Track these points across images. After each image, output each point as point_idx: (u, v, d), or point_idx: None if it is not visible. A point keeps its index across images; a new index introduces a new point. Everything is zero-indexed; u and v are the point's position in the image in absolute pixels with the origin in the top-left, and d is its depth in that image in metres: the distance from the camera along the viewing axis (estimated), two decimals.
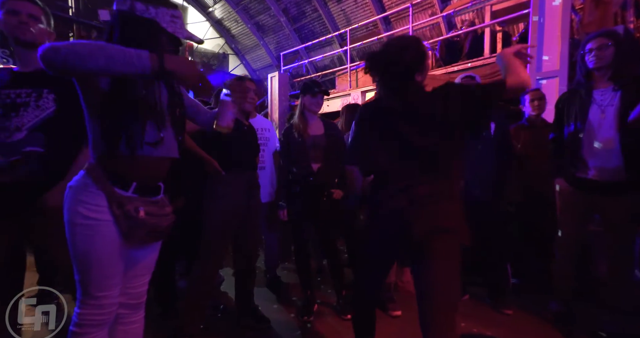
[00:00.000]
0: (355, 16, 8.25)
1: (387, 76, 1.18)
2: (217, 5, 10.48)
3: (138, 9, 0.96)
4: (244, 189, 1.82)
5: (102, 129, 0.95)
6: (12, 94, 1.24)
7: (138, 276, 1.11)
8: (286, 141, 2.08)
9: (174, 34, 1.00)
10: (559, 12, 3.64)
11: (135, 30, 0.96)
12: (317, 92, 2.05)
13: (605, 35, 1.67)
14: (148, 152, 0.99)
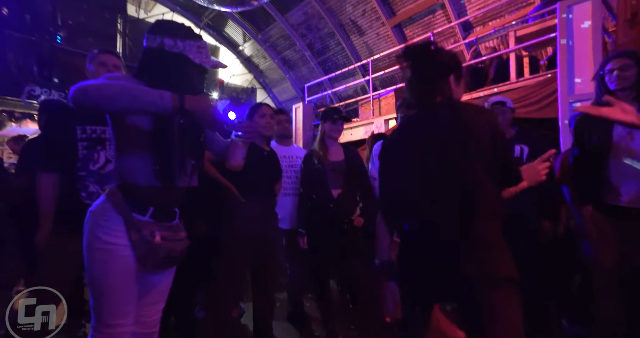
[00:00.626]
0: (377, 47, 8.52)
1: (421, 73, 1.08)
2: (247, 44, 11.26)
3: (167, 45, 1.02)
4: (260, 216, 1.80)
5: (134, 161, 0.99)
6: (97, 130, 1.44)
7: (152, 304, 1.09)
8: (306, 167, 2.07)
9: (201, 65, 1.06)
10: (589, 34, 3.54)
11: (166, 65, 1.02)
12: (336, 118, 2.06)
13: (626, 55, 1.58)
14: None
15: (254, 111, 1.93)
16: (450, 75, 1.07)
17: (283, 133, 2.34)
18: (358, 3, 8.15)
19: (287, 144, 2.37)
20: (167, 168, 0.99)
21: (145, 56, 1.05)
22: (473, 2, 6.68)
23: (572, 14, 3.64)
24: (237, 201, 1.74)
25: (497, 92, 4.34)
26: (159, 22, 1.07)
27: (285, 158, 2.24)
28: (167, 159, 1.00)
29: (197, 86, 1.10)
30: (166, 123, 0.99)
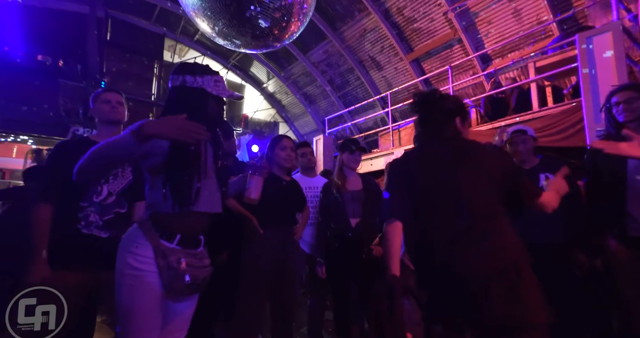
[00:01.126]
0: (396, 81, 8.76)
1: (429, 115, 1.23)
2: (270, 82, 11.94)
3: (188, 81, 1.13)
4: (278, 246, 1.80)
5: (158, 188, 1.05)
6: None
7: (175, 331, 1.11)
8: (324, 197, 2.08)
9: (218, 96, 1.16)
10: (612, 63, 3.49)
11: (188, 99, 1.12)
12: (354, 149, 2.09)
13: (630, 88, 1.63)
14: (195, 207, 1.06)
15: (275, 144, 2.00)
16: (456, 118, 1.21)
17: (307, 164, 2.40)
18: (376, 40, 8.56)
19: (311, 175, 2.43)
20: (176, 192, 1.03)
21: (170, 94, 1.17)
22: (490, 37, 6.84)
23: (592, 44, 3.63)
24: (256, 232, 1.75)
25: (519, 121, 4.27)
26: (181, 64, 1.19)
27: (310, 189, 2.28)
28: (176, 184, 1.04)
29: (216, 114, 1.18)
30: (177, 151, 1.05)
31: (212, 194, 1.13)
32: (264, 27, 2.95)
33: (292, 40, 3.59)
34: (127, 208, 1.49)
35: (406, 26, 7.89)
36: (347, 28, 8.77)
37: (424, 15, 7.44)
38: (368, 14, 8.06)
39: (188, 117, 0.99)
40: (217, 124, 1.20)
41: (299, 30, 3.36)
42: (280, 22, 3.00)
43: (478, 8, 6.68)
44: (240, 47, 3.37)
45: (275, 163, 1.95)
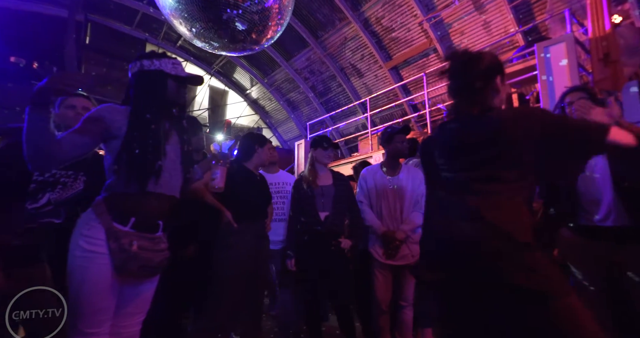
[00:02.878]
0: (376, 88, 9.02)
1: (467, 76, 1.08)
2: (254, 88, 12.02)
3: (145, 65, 1.17)
4: (253, 240, 1.85)
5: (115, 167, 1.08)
6: (57, 174, 1.42)
7: (130, 315, 1.12)
8: (296, 192, 2.16)
9: (177, 75, 1.19)
10: (567, 71, 3.78)
11: (146, 81, 1.16)
12: (327, 146, 2.18)
13: (579, 89, 1.73)
14: (153, 187, 1.10)
15: (265, 142, 2.09)
16: (497, 76, 1.08)
17: (270, 159, 2.47)
18: (357, 49, 8.82)
19: (273, 171, 2.48)
20: (134, 169, 1.05)
21: (129, 82, 1.19)
22: (463, 46, 7.19)
23: (550, 53, 3.92)
24: (230, 226, 1.78)
25: None
26: (138, 54, 1.22)
27: (272, 185, 2.34)
28: (133, 161, 1.06)
29: (175, 94, 1.20)
30: (135, 129, 1.09)
31: (173, 178, 1.15)
32: (241, 30, 3.05)
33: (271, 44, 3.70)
34: (63, 219, 1.38)
35: (385, 35, 8.18)
36: (329, 36, 9.00)
37: (401, 25, 7.75)
38: (348, 23, 8.32)
39: (150, 99, 1.03)
40: (178, 105, 1.23)
41: (277, 34, 3.48)
42: (257, 26, 3.10)
43: (451, 19, 7.04)
44: (218, 50, 3.45)
45: (258, 157, 2.02)
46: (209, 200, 1.81)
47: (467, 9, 6.71)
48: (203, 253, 1.96)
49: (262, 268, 1.96)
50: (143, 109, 1.13)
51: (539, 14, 6.00)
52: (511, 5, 6.15)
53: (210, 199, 1.83)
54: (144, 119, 1.12)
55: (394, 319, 2.14)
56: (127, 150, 1.08)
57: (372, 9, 7.81)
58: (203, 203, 1.78)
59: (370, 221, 2.11)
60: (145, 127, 1.11)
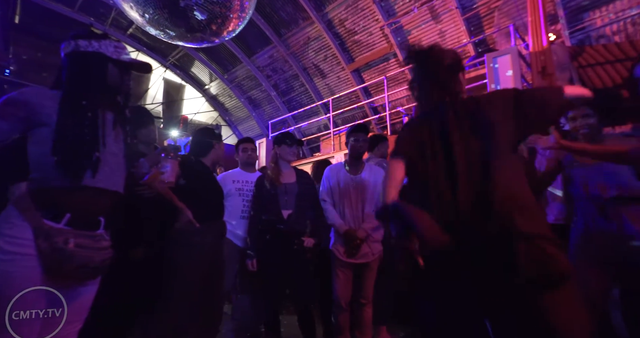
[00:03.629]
0: (338, 89, 9.12)
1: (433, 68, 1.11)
2: (213, 83, 11.54)
3: (82, 46, 1.03)
4: (215, 241, 1.76)
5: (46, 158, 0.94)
6: None
7: (66, 323, 0.98)
8: (258, 190, 2.09)
9: (119, 60, 1.06)
10: (512, 80, 4.12)
11: (83, 63, 1.02)
12: (290, 143, 2.14)
13: None
14: (91, 181, 0.98)
15: (220, 138, 1.99)
16: (460, 71, 1.14)
17: (248, 160, 2.40)
18: (320, 49, 8.85)
19: (251, 171, 2.42)
20: (69, 161, 0.93)
21: (62, 64, 1.04)
22: None
23: (497, 64, 4.25)
24: (191, 226, 1.66)
25: None
26: (72, 33, 1.07)
27: (250, 183, 2.27)
28: (68, 151, 0.94)
29: (118, 82, 1.08)
30: (69, 117, 0.97)
31: (114, 171, 1.04)
32: (200, 19, 2.88)
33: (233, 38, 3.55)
34: None
35: (348, 38, 8.32)
36: (292, 35, 8.93)
37: (364, 28, 7.93)
38: (312, 23, 8.32)
39: (88, 85, 0.92)
40: (121, 93, 1.11)
41: (239, 28, 3.34)
42: (218, 17, 2.95)
43: (410, 26, 7.35)
44: (175, 39, 3.23)
45: (214, 153, 1.92)
46: (167, 196, 1.67)
47: (425, 18, 7.06)
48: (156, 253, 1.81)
49: (223, 269, 1.87)
50: (78, 95, 1.00)
51: (487, 27, 6.49)
52: (464, 17, 6.58)
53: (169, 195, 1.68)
54: (79, 105, 0.98)
55: (354, 317, 2.16)
56: (60, 139, 0.95)
57: (336, 10, 7.90)
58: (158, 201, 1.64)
59: (333, 219, 2.10)
60: (80, 114, 0.98)
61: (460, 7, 6.54)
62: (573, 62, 5.29)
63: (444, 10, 6.77)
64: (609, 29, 5.71)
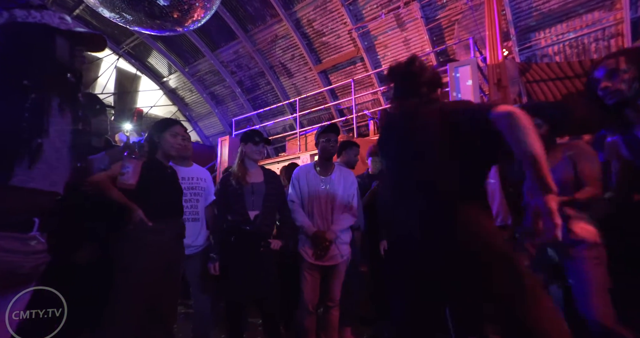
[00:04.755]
0: (305, 89, 9.08)
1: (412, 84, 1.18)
2: (172, 76, 10.90)
3: (19, 16, 0.88)
4: (170, 240, 1.61)
5: None
6: None
7: None
8: (223, 189, 1.96)
9: (69, 30, 0.93)
10: (472, 90, 4.37)
11: (23, 36, 0.87)
12: (258, 141, 2.04)
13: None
14: (25, 182, 0.82)
15: (164, 128, 1.78)
16: (438, 89, 1.21)
17: (183, 152, 2.16)
18: (288, 48, 8.74)
19: (186, 165, 2.16)
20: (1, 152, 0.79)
21: None
22: (386, 59, 7.76)
23: (459, 73, 4.49)
24: (143, 225, 1.51)
25: None
26: (2, 3, 0.91)
27: (185, 180, 2.05)
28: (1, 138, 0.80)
29: (67, 57, 0.94)
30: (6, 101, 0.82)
31: (54, 169, 0.90)
32: (162, 5, 2.66)
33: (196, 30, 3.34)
34: None
35: (316, 39, 8.31)
36: (259, 31, 8.73)
37: (332, 30, 7.98)
38: (280, 20, 8.20)
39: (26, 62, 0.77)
40: (72, 71, 0.96)
41: (204, 18, 3.15)
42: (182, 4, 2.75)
43: (377, 32, 7.53)
44: (132, 24, 2.96)
45: (162, 148, 1.75)
46: (113, 195, 1.49)
47: (391, 25, 7.28)
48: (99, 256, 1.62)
49: (179, 272, 1.73)
50: (18, 73, 0.84)
51: (448, 38, 6.86)
52: (427, 27, 6.89)
53: (116, 194, 1.51)
54: (20, 86, 0.82)
55: (320, 320, 2.12)
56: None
57: (305, 10, 7.85)
58: (104, 199, 1.47)
59: (301, 221, 2.04)
60: (20, 96, 0.83)
61: (424, 17, 6.83)
62: (522, 77, 5.77)
63: (409, 19, 7.03)
64: (551, 49, 6.32)
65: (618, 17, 5.54)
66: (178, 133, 1.79)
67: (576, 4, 5.77)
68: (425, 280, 1.05)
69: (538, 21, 6.17)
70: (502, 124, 0.91)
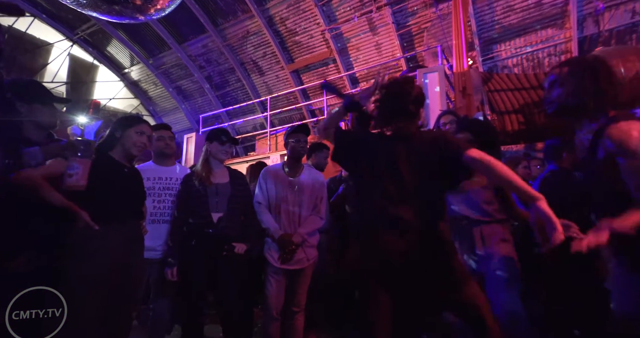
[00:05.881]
0: (276, 88, 8.94)
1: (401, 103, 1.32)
2: (134, 67, 10.27)
3: None
4: (122, 245, 1.46)
5: None
6: None
7: None
8: (185, 189, 1.83)
9: None
10: (439, 96, 4.52)
11: None
12: (225, 140, 1.93)
13: (450, 113, 2.25)
14: None
15: (130, 124, 1.62)
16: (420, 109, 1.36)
17: (164, 150, 2.04)
18: (259, 45, 8.56)
19: (168, 164, 2.06)
20: None
21: None
22: (358, 62, 7.85)
23: (427, 79, 4.63)
24: (89, 229, 1.36)
25: None
26: None
27: (162, 180, 1.94)
28: None
29: None
30: None
31: None
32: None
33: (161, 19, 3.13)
34: None
35: (288, 37, 8.22)
36: (230, 26, 8.47)
37: (305, 30, 7.93)
38: (252, 16, 8.01)
39: None
40: None
41: (169, 7, 2.96)
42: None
43: (350, 35, 7.59)
44: (86, 8, 2.70)
45: (122, 145, 1.60)
46: (51, 197, 1.32)
47: (363, 28, 7.37)
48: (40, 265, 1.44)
49: (135, 279, 1.58)
50: None
51: (418, 45, 7.07)
52: (398, 32, 7.06)
53: (54, 195, 1.34)
54: None
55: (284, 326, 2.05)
56: None
57: (278, 7, 7.73)
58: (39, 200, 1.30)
59: (268, 223, 1.97)
60: None
61: (395, 23, 6.99)
62: (484, 86, 6.07)
63: (381, 24, 7.16)
64: (511, 61, 6.73)
65: (567, 35, 6.01)
66: (145, 132, 1.64)
67: (533, 21, 6.19)
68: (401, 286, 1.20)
69: (500, 34, 6.54)
70: (478, 165, 1.17)
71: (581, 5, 5.73)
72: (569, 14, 5.82)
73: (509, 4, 6.19)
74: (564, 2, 5.82)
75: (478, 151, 1.19)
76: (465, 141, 1.75)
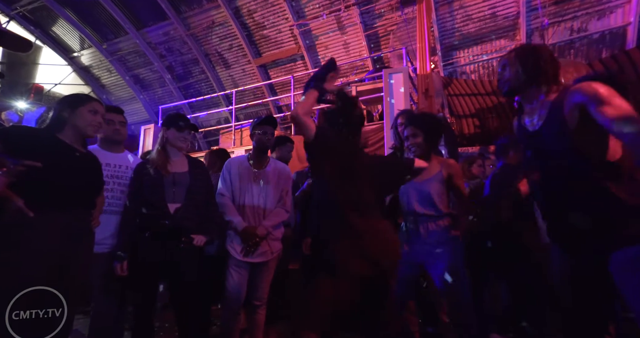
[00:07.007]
0: (242, 82, 8.69)
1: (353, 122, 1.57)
2: (85, 51, 9.43)
3: None
4: (61, 236, 1.32)
5: None
6: None
7: None
8: (138, 178, 1.70)
9: None
10: (403, 96, 4.66)
11: None
12: (183, 126, 1.82)
13: (405, 113, 2.28)
14: None
15: (80, 103, 1.46)
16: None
17: (113, 136, 1.84)
18: (225, 37, 8.27)
19: (117, 150, 1.87)
20: None
21: None
22: (327, 59, 7.85)
23: (393, 80, 4.76)
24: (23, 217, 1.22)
25: None
26: None
27: (109, 167, 1.77)
28: None
29: None
30: None
31: None
32: None
33: None
34: None
35: (256, 31, 8.03)
36: (194, 15, 8.09)
37: (273, 24, 7.80)
38: (218, 6, 7.71)
39: None
40: None
41: None
42: None
43: (318, 32, 7.60)
44: None
45: (73, 126, 1.44)
46: None
47: (332, 27, 7.41)
48: None
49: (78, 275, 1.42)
50: None
51: (384, 46, 7.26)
52: (365, 33, 7.19)
53: None
54: None
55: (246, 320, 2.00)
56: None
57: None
58: None
59: (230, 215, 1.90)
60: None
61: (363, 23, 7.12)
62: (444, 90, 6.39)
63: (349, 23, 7.25)
64: (468, 68, 7.14)
65: None
66: (98, 111, 1.49)
67: (489, 31, 6.62)
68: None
69: (460, 41, 6.92)
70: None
71: (529, 19, 6.23)
72: (520, 26, 6.31)
73: (467, 13, 6.56)
74: (515, 15, 6.30)
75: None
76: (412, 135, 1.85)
